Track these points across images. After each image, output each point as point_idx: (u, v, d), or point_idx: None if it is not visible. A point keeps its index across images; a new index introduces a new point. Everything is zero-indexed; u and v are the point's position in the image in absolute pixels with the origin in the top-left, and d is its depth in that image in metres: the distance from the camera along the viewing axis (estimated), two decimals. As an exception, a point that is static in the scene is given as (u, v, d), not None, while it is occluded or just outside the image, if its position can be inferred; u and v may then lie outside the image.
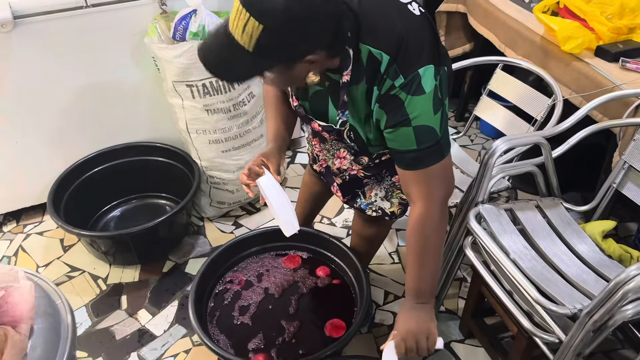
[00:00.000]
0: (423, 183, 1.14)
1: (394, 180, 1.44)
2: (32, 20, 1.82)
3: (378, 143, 1.22)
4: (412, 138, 1.09)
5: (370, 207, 1.50)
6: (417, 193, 1.15)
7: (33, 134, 2.05)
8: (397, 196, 1.47)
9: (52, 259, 2.08)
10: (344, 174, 1.47)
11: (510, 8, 2.15)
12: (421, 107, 1.07)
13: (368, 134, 1.21)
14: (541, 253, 1.40)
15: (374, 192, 1.48)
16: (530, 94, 1.83)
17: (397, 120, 1.09)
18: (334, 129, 1.24)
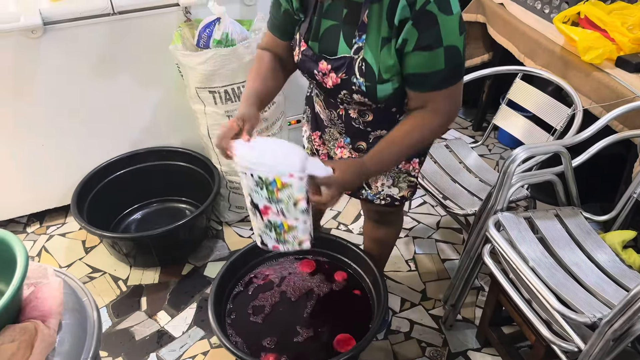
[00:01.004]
0: (440, 101, 1.16)
1: (399, 166, 1.42)
2: (61, 26, 1.87)
3: (390, 76, 1.16)
4: (442, 58, 1.09)
5: (378, 196, 1.49)
6: (431, 108, 1.17)
7: (58, 137, 2.10)
8: (404, 180, 1.45)
9: (74, 260, 2.12)
10: None
11: (529, 18, 2.16)
12: (451, 27, 1.07)
13: (383, 65, 1.15)
14: (560, 262, 1.40)
15: (379, 183, 1.46)
16: (549, 104, 1.84)
17: (430, 41, 1.07)
18: (346, 58, 1.18)
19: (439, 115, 1.17)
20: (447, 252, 2.15)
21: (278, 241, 1.26)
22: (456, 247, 2.17)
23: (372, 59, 1.15)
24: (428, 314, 1.90)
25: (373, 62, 1.15)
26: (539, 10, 2.16)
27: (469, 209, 1.72)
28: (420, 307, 1.93)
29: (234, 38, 1.86)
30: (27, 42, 1.85)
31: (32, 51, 1.88)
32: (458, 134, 2.88)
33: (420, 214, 2.34)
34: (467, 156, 2.02)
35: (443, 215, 2.33)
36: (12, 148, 2.05)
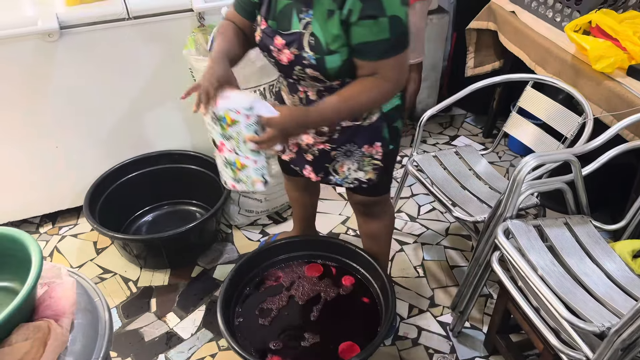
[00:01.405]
0: (389, 69, 1.22)
1: (363, 150, 1.45)
2: (77, 30, 1.90)
3: (337, 47, 1.21)
4: (387, 27, 1.16)
5: (345, 180, 1.52)
6: (381, 76, 1.23)
7: (72, 139, 2.13)
8: (369, 164, 1.48)
9: (85, 261, 2.15)
10: (312, 149, 1.50)
11: (541, 26, 2.16)
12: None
13: (329, 36, 1.20)
14: (569, 270, 1.40)
15: (346, 167, 1.49)
16: (560, 112, 1.84)
17: (374, 11, 1.14)
18: (297, 34, 1.24)
19: (387, 82, 1.24)
20: (456, 259, 2.15)
21: (234, 179, 1.37)
22: (465, 254, 2.17)
23: (319, 32, 1.21)
24: (436, 320, 1.90)
25: (320, 35, 1.21)
26: (550, 18, 2.16)
27: (478, 216, 1.72)
28: (428, 313, 1.93)
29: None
30: (44, 46, 1.88)
31: (48, 54, 1.91)
32: (468, 140, 2.88)
33: (429, 221, 2.34)
34: (477, 163, 2.02)
35: (452, 222, 2.33)
36: (27, 149, 2.08)
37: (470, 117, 3.10)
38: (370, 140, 1.43)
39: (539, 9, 2.22)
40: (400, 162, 2.73)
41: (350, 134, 1.42)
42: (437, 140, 2.90)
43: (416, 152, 2.03)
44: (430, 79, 2.90)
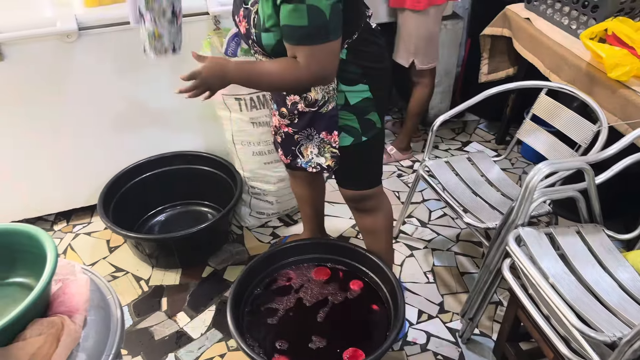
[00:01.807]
0: (308, 57, 1.27)
1: (322, 136, 1.50)
2: (95, 31, 1.93)
3: (270, 25, 1.30)
4: (305, 15, 1.21)
5: (310, 164, 1.58)
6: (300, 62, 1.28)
7: (88, 138, 2.15)
8: (328, 151, 1.53)
9: (98, 259, 2.17)
10: (280, 131, 1.59)
11: (556, 34, 2.15)
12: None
13: (265, 15, 1.30)
14: (581, 279, 1.39)
15: (309, 151, 1.55)
16: (574, 120, 1.83)
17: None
18: (248, 10, 1.36)
19: (302, 68, 1.28)
20: (466, 265, 2.14)
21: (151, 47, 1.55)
22: (475, 260, 2.16)
23: (260, 11, 1.31)
24: (445, 326, 1.90)
25: (261, 14, 1.31)
26: (565, 25, 2.15)
27: (490, 223, 1.72)
28: (438, 319, 1.92)
29: (261, 47, 1.89)
30: (62, 46, 1.91)
31: (66, 55, 1.94)
32: (481, 147, 2.87)
33: (439, 226, 2.34)
34: (490, 169, 2.02)
35: (463, 228, 2.32)
36: (43, 147, 2.11)
37: (483, 123, 3.09)
38: (327, 128, 1.48)
39: (554, 16, 2.21)
40: (411, 167, 2.73)
41: (308, 120, 1.48)
42: (449, 145, 2.90)
43: (428, 157, 2.03)
44: (444, 84, 2.89)
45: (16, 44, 1.86)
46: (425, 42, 2.40)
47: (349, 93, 1.44)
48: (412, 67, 2.49)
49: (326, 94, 1.42)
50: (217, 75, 1.34)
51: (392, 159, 2.76)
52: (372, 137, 1.52)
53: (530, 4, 2.34)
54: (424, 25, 2.36)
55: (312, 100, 1.43)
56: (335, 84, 1.41)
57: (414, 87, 2.58)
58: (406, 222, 2.36)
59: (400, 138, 2.77)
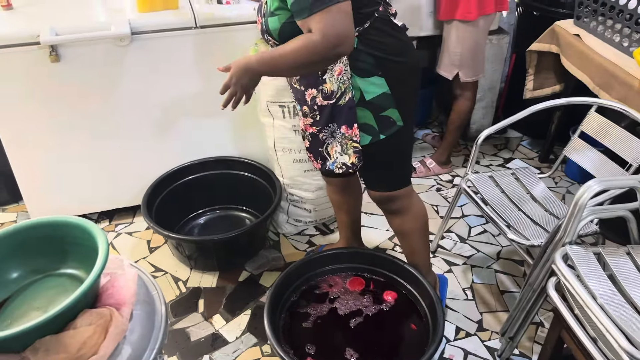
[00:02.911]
0: (319, 23, 1.25)
1: (343, 131, 1.49)
2: (147, 36, 1.99)
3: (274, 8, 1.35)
4: None
5: (335, 165, 1.57)
6: (313, 30, 1.27)
7: (135, 140, 2.21)
8: (350, 147, 1.51)
9: (138, 258, 2.22)
10: (306, 133, 1.60)
11: (607, 51, 2.11)
12: None
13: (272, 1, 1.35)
14: (631, 301, 1.34)
15: (334, 150, 1.55)
16: (625, 138, 1.78)
17: None
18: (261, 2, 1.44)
19: (319, 37, 1.26)
20: (507, 283, 2.10)
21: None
22: (516, 279, 2.11)
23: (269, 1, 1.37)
24: (483, 345, 1.85)
25: (269, 1, 1.37)
26: (617, 43, 2.10)
27: (535, 240, 1.68)
28: (476, 337, 1.88)
29: (307, 55, 1.91)
30: (115, 50, 1.98)
31: (118, 58, 2.01)
32: (523, 164, 2.82)
33: (479, 243, 2.30)
34: (535, 186, 1.98)
35: (504, 245, 2.28)
36: (91, 148, 2.18)
37: (526, 140, 3.04)
38: (347, 122, 1.48)
39: (605, 33, 2.17)
40: (451, 182, 2.70)
41: (329, 114, 1.48)
42: (490, 161, 2.86)
43: (471, 171, 2.00)
44: (487, 99, 2.86)
45: (72, 46, 1.93)
46: (471, 54, 2.39)
47: (364, 86, 1.44)
48: (456, 80, 2.47)
49: (341, 84, 1.42)
50: (243, 70, 1.37)
51: (431, 173, 2.74)
52: (391, 135, 1.50)
53: (580, 20, 2.30)
54: (471, 37, 2.34)
55: (328, 92, 1.44)
56: (349, 73, 1.41)
57: (455, 100, 2.56)
58: (445, 237, 2.32)
59: (440, 151, 2.75)
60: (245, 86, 1.39)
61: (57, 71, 1.96)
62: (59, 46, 1.91)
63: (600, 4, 2.14)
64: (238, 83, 1.38)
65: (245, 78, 1.38)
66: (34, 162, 2.15)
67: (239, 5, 2.08)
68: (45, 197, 2.25)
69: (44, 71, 1.95)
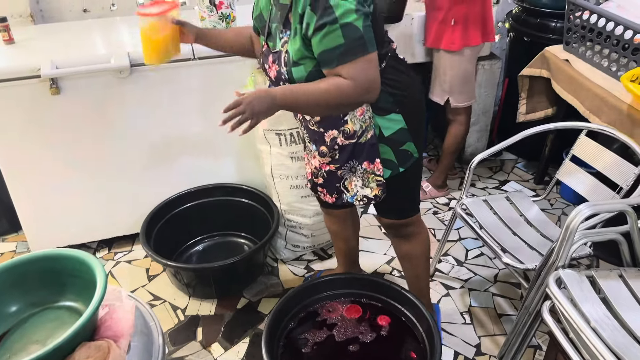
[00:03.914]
0: (351, 71, 1.29)
1: (364, 166, 1.52)
2: (145, 68, 2.03)
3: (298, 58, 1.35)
4: (340, 34, 1.25)
5: (356, 197, 1.58)
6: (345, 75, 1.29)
7: (134, 169, 2.24)
8: (373, 180, 1.54)
9: (137, 287, 2.23)
10: (321, 171, 1.61)
11: (596, 75, 2.15)
12: (344, 8, 1.24)
13: (294, 50, 1.35)
14: (624, 324, 1.35)
15: (353, 184, 1.57)
16: (615, 162, 1.81)
17: (325, 20, 1.25)
18: (279, 52, 1.43)
19: (351, 82, 1.30)
20: (504, 307, 2.10)
21: None
22: (514, 302, 2.12)
23: (290, 48, 1.37)
24: (481, 369, 1.86)
25: (291, 52, 1.37)
26: (605, 67, 2.15)
27: (529, 264, 1.69)
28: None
29: (302, 85, 1.96)
30: (115, 82, 2.03)
31: (118, 90, 2.05)
32: (519, 186, 2.85)
33: (476, 266, 2.31)
34: (529, 209, 2.00)
35: (501, 268, 2.29)
36: (90, 177, 2.21)
37: (521, 162, 3.07)
38: (369, 157, 1.50)
39: (594, 58, 2.21)
40: (447, 205, 2.72)
41: (349, 152, 1.50)
42: (486, 184, 2.88)
43: (465, 195, 2.03)
44: (481, 123, 2.90)
45: (72, 79, 1.97)
46: (460, 81, 2.44)
47: (383, 123, 1.47)
48: (447, 105, 2.52)
49: (363, 123, 1.45)
50: (263, 96, 1.32)
51: (427, 196, 2.76)
52: (410, 166, 1.54)
53: (569, 45, 2.35)
54: (458, 65, 2.40)
55: (350, 132, 1.46)
56: (370, 112, 1.44)
57: (449, 124, 2.60)
58: (442, 260, 2.34)
59: (436, 175, 2.78)
60: (256, 112, 1.31)
61: (57, 103, 2.00)
62: (59, 79, 1.96)
63: (588, 30, 2.20)
64: (251, 104, 1.30)
65: (262, 104, 1.31)
66: (34, 193, 2.18)
67: (235, 36, 2.13)
68: (45, 226, 2.27)
69: (45, 103, 1.99)
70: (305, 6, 1.28)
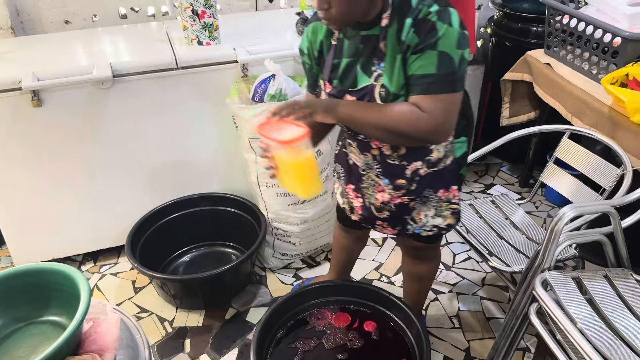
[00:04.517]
0: (433, 105, 1.21)
1: (439, 195, 1.47)
2: (128, 78, 2.02)
3: (398, 89, 1.26)
4: (435, 61, 1.18)
5: (424, 228, 1.53)
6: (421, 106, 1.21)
7: (118, 181, 2.22)
8: (447, 208, 1.50)
9: (123, 299, 2.20)
10: (388, 205, 1.50)
11: (577, 79, 2.18)
12: (449, 36, 1.18)
13: (396, 85, 1.25)
14: (610, 324, 1.36)
15: (423, 215, 1.50)
16: (598, 163, 1.83)
17: (427, 42, 1.18)
18: (368, 87, 1.29)
19: (428, 116, 1.21)
20: (492, 310, 2.11)
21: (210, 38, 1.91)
22: (502, 305, 2.13)
23: (388, 82, 1.26)
24: (471, 373, 1.86)
25: (389, 84, 1.26)
26: (586, 71, 2.18)
27: (516, 267, 1.70)
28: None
29: (287, 93, 1.96)
30: (97, 93, 2.01)
31: (100, 101, 2.03)
32: (504, 189, 2.87)
33: (464, 270, 2.32)
34: (514, 212, 2.02)
35: (488, 271, 2.30)
36: (75, 190, 2.18)
37: (506, 165, 3.10)
38: (446, 184, 1.46)
39: (575, 61, 2.24)
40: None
41: (428, 181, 1.43)
42: (472, 188, 2.90)
43: (451, 200, 2.03)
44: (465, 128, 2.92)
45: (54, 90, 1.95)
46: None
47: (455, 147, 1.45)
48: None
49: (445, 148, 1.41)
50: (326, 102, 1.28)
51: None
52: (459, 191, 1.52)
53: (550, 49, 2.38)
54: None
55: (434, 160, 1.41)
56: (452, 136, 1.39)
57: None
58: (430, 265, 2.34)
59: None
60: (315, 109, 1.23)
61: (39, 115, 1.98)
62: (41, 91, 1.94)
63: (569, 34, 2.23)
64: (311, 103, 1.25)
65: (323, 104, 1.26)
66: (17, 206, 2.15)
67: (219, 46, 2.13)
68: (29, 240, 2.24)
69: (27, 116, 1.97)
70: (405, 32, 1.21)
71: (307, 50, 1.43)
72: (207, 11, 2.05)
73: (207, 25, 2.07)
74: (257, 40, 2.17)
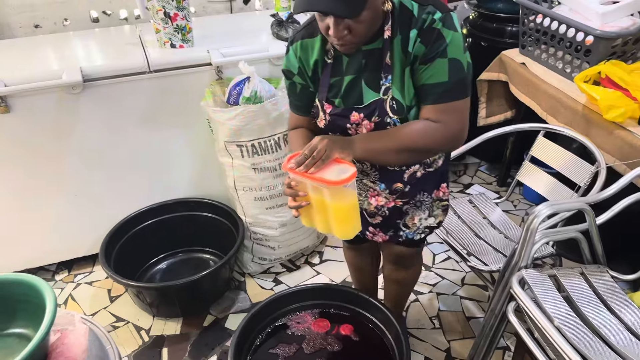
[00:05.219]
0: (447, 114, 1.21)
1: (433, 196, 1.48)
2: (99, 83, 1.98)
3: (410, 100, 1.25)
4: (446, 70, 1.17)
5: (417, 232, 1.52)
6: (435, 119, 1.22)
7: (91, 187, 2.17)
8: (438, 206, 1.51)
9: (99, 309, 2.15)
10: (381, 210, 1.48)
11: (551, 77, 2.19)
12: (455, 42, 1.17)
13: (408, 98, 1.24)
14: (586, 321, 1.36)
15: (417, 219, 1.49)
16: (573, 161, 1.84)
17: (435, 51, 1.17)
18: (377, 102, 1.25)
19: (443, 127, 1.22)
20: (472, 309, 2.11)
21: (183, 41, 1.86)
22: (481, 304, 2.13)
23: (399, 94, 1.24)
24: (452, 373, 1.85)
25: (400, 97, 1.24)
26: (560, 69, 2.20)
27: (493, 266, 1.70)
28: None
29: (262, 95, 1.94)
30: (68, 98, 1.96)
31: (70, 106, 1.98)
32: (482, 189, 2.88)
33: (444, 270, 2.32)
34: (491, 212, 2.02)
35: (468, 271, 2.30)
36: (46, 197, 2.12)
37: (484, 165, 3.11)
38: (437, 185, 1.47)
39: (549, 60, 2.26)
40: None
41: (421, 183, 1.42)
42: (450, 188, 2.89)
43: (429, 200, 2.03)
44: (443, 128, 2.93)
45: (22, 96, 1.90)
46: None
47: None
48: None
49: None
50: (336, 139, 1.22)
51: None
52: None
53: (525, 49, 2.40)
54: None
55: (430, 161, 1.41)
56: None
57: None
58: (409, 266, 2.33)
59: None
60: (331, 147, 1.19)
61: (7, 122, 1.92)
62: (9, 97, 1.88)
63: (542, 33, 2.25)
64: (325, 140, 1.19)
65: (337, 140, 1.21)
66: (-14, 216, 2.09)
67: (192, 49, 2.10)
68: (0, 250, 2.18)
69: (-6, 123, 1.91)
70: (411, 43, 1.19)
71: (297, 70, 1.36)
72: (179, 13, 2.02)
73: (180, 27, 2.05)
74: (232, 42, 2.15)
